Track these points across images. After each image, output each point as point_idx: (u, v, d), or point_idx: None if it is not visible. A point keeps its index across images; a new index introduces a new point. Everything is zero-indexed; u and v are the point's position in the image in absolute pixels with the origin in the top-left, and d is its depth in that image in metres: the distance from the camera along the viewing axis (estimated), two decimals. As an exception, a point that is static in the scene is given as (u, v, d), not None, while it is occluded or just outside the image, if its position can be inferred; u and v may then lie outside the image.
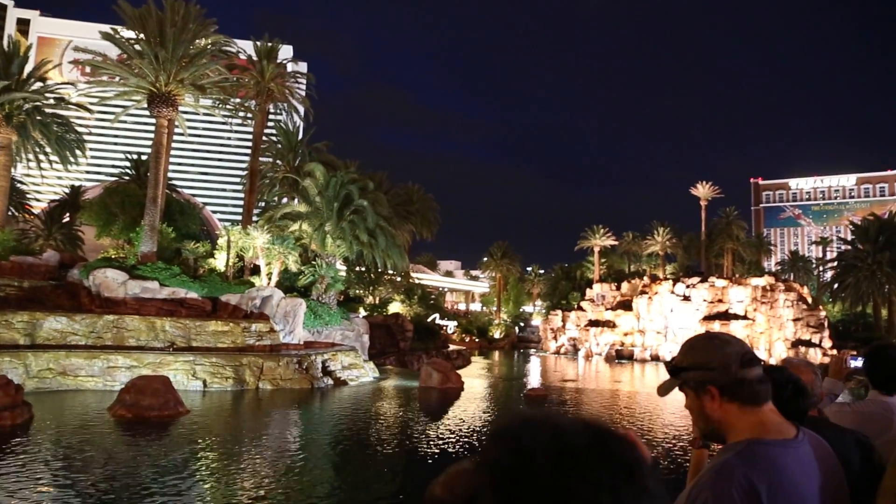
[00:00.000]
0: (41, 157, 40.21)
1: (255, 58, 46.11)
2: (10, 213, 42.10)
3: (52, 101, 39.30)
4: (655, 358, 57.94)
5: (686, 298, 60.37)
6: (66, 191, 51.02)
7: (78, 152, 41.68)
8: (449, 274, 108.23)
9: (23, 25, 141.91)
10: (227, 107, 44.58)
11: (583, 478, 0.77)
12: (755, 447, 1.83)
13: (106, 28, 35.30)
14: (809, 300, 59.36)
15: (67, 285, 29.91)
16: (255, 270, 36.62)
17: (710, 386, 1.95)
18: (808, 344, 53.70)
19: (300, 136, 52.18)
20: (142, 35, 34.66)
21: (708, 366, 1.94)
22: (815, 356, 50.37)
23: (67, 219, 47.06)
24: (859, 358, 3.75)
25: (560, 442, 0.81)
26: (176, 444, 16.20)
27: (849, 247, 60.52)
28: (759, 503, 1.71)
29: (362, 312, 47.51)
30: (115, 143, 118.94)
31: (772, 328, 56.28)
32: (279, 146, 50.97)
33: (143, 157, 47.78)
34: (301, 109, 50.09)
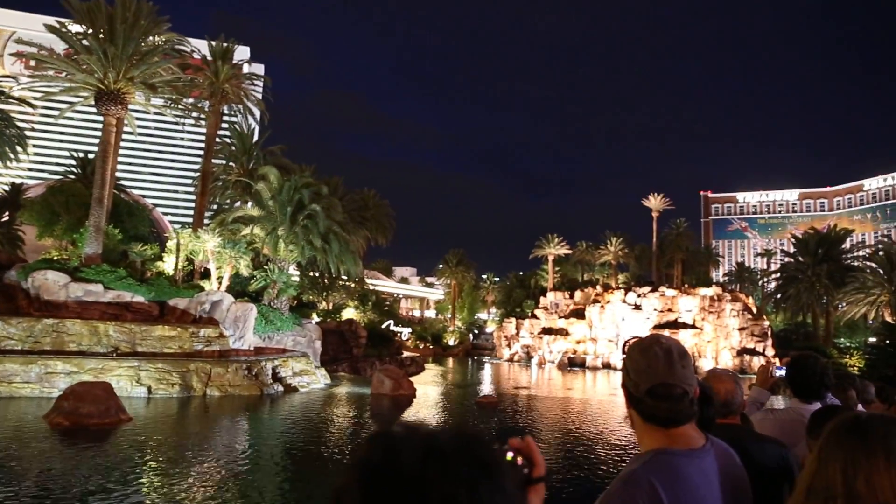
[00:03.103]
0: (-21, 152, 38.60)
1: (209, 58, 45.26)
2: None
3: (-9, 95, 37.79)
4: (607, 366, 58.92)
5: (637, 307, 61.63)
6: (6, 188, 49.01)
7: (19, 148, 40.15)
8: (404, 280, 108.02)
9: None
10: (180, 107, 43.51)
11: (444, 474, 0.82)
12: (661, 457, 1.88)
13: (52, 21, 34.10)
14: (754, 310, 61.30)
15: (4, 287, 28.67)
16: (206, 274, 35.86)
17: (623, 388, 2.01)
18: (753, 352, 55.42)
19: (255, 138, 51.41)
20: (90, 30, 33.61)
21: (628, 372, 1.99)
22: (759, 364, 51.91)
23: (7, 218, 45.18)
24: (784, 368, 3.91)
25: (428, 443, 0.86)
26: (116, 453, 15.66)
27: (791, 259, 62.90)
28: None
29: (315, 318, 46.96)
30: (60, 141, 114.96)
31: (718, 337, 57.91)
32: (233, 148, 50.10)
33: (90, 156, 46.29)
34: (256, 112, 49.34)
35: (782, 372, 4.04)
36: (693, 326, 58.39)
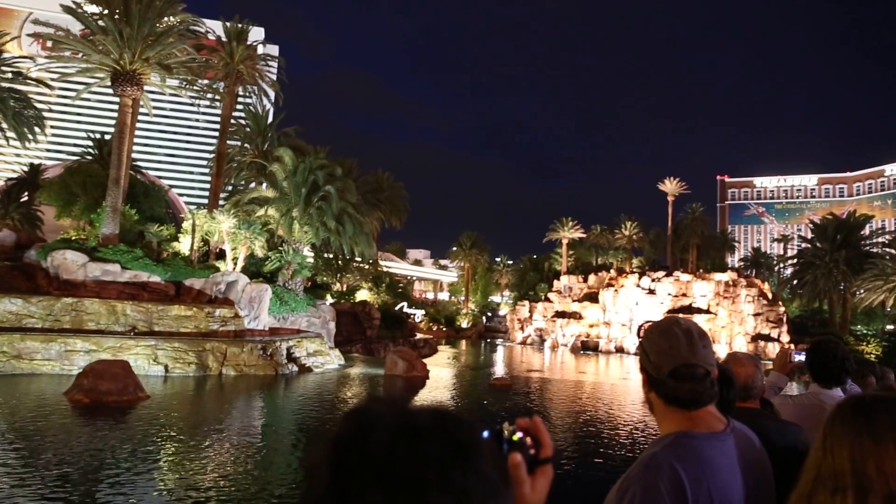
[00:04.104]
0: (-2, 133, 38.93)
1: (224, 39, 45.19)
2: (-36, 191, 40.73)
3: (8, 76, 38.00)
4: (620, 350, 58.86)
5: (651, 292, 61.37)
6: (25, 169, 49.50)
7: (37, 129, 40.45)
8: (418, 263, 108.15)
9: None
10: (195, 88, 43.59)
11: (414, 452, 0.79)
12: (682, 440, 1.86)
13: (68, 1, 34.13)
14: (770, 296, 60.81)
15: (24, 266, 29.10)
16: (221, 255, 36.10)
17: (642, 371, 1.99)
18: (767, 338, 55.07)
19: (269, 120, 51.38)
20: (106, 10, 33.62)
21: (647, 354, 1.97)
22: (774, 350, 51.69)
23: (26, 198, 45.69)
24: (803, 353, 3.87)
25: (401, 420, 0.83)
26: (134, 430, 15.94)
27: (808, 245, 62.14)
28: (684, 494, 1.74)
29: (329, 299, 47.23)
30: (78, 122, 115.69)
31: (733, 322, 57.58)
32: (248, 130, 50.13)
33: (107, 137, 46.54)
34: (271, 93, 49.29)
35: (801, 357, 4.00)
36: (707, 312, 58.08)
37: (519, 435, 1.06)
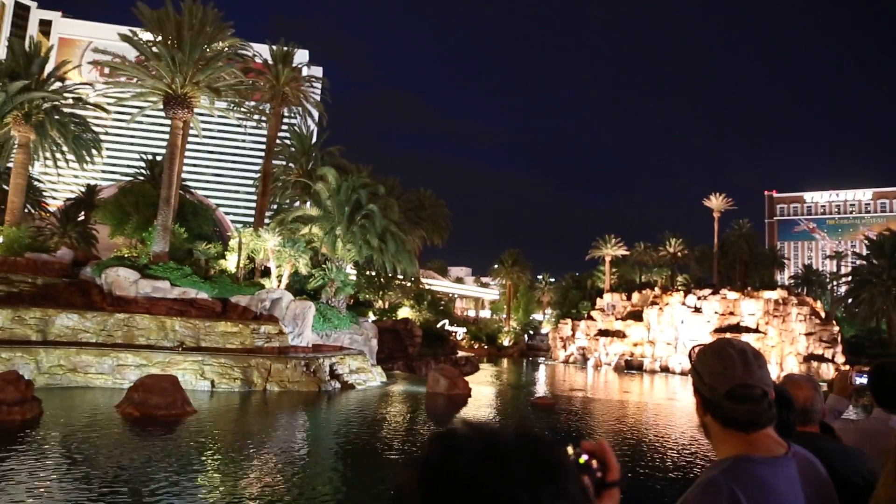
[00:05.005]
0: (58, 155, 40.67)
1: (270, 61, 46.44)
2: (26, 211, 42.55)
3: (70, 101, 39.78)
4: (665, 369, 57.51)
5: (697, 310, 59.91)
6: (82, 189, 51.50)
7: (94, 152, 42.13)
8: (459, 280, 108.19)
9: (45, 26, 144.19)
10: (242, 109, 44.87)
11: (503, 475, 0.80)
12: (741, 464, 1.81)
13: (125, 30, 35.69)
14: (823, 315, 58.67)
15: (80, 283, 30.18)
16: (266, 272, 36.77)
17: (697, 394, 1.95)
18: (821, 359, 53.06)
19: (313, 139, 52.42)
20: (159, 37, 35.03)
21: (701, 376, 1.93)
22: (828, 371, 49.79)
23: (82, 217, 47.48)
24: (865, 375, 3.71)
25: (488, 442, 0.85)
26: (182, 444, 16.26)
27: (864, 262, 59.88)
28: None
29: (371, 317, 47.55)
30: (131, 144, 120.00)
31: (784, 342, 55.68)
32: (292, 149, 51.22)
33: (158, 158, 48.20)
34: (315, 113, 50.33)
35: (863, 380, 3.85)
36: (756, 331, 56.31)
37: (584, 457, 1.06)
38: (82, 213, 47.61)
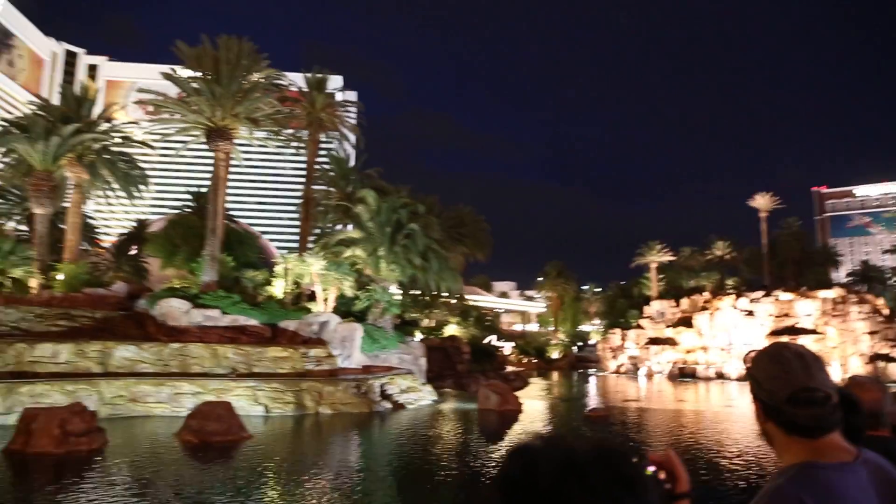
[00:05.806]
0: (109, 193, 42.20)
1: (305, 89, 47.42)
2: (82, 248, 44.17)
3: (118, 140, 41.32)
4: (720, 376, 55.93)
5: (750, 313, 58.22)
6: (133, 224, 53.27)
7: (142, 187, 43.57)
8: (504, 295, 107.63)
9: (92, 71, 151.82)
10: (280, 137, 45.83)
11: (583, 488, 0.82)
12: (809, 471, 1.71)
13: (166, 68, 36.97)
14: (886, 312, 56.30)
15: (136, 315, 31.06)
16: (312, 296, 37.23)
17: (756, 401, 1.88)
18: (887, 359, 50.84)
19: (351, 163, 53.14)
20: (199, 73, 36.15)
21: (759, 382, 1.86)
22: (895, 371, 47.67)
23: (134, 251, 49.06)
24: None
25: (566, 456, 0.86)
26: (239, 469, 16.45)
27: (925, 254, 57.37)
28: None
29: (418, 335, 47.62)
30: (177, 178, 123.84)
31: (845, 342, 53.57)
32: (332, 174, 52.00)
33: (203, 190, 49.55)
34: (352, 137, 51.06)
35: None
36: (814, 332, 54.34)
37: (651, 469, 1.04)
38: (134, 247, 49.21)
